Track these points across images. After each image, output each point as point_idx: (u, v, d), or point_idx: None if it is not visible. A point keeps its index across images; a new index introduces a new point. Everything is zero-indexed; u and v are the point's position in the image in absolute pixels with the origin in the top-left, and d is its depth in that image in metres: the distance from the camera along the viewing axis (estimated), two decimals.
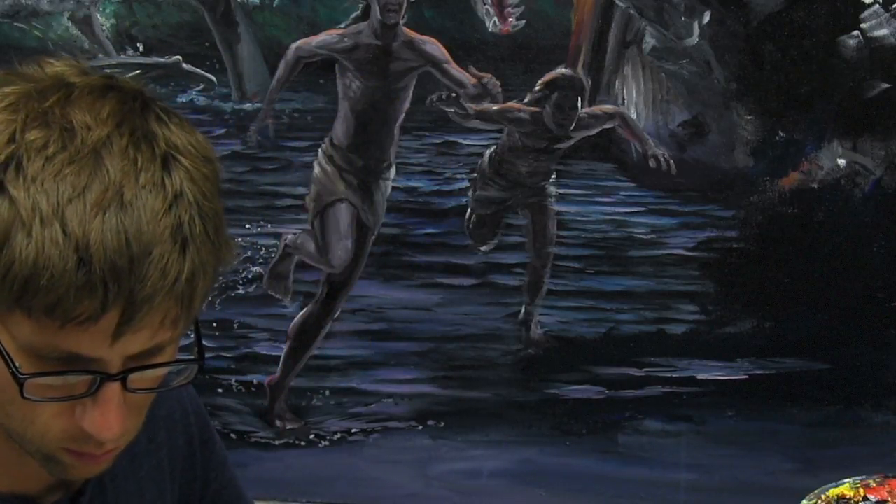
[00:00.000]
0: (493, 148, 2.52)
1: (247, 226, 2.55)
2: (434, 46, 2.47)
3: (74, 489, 1.01)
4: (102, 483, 1.03)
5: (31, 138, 0.83)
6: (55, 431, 0.89)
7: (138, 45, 2.52)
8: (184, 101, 2.50)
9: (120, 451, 0.94)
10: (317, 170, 2.54)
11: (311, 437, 2.62)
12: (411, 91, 2.49)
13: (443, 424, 2.60)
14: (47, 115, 0.84)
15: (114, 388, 0.88)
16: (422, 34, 2.46)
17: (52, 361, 0.85)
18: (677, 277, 2.52)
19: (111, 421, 0.89)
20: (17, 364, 0.85)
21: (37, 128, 0.84)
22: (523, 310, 2.56)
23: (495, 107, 2.48)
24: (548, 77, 2.46)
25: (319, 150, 2.53)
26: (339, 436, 2.62)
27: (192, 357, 0.93)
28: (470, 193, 2.54)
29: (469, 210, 2.55)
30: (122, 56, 2.52)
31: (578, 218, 2.54)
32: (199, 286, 0.87)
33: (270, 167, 2.56)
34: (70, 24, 2.53)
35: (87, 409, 0.88)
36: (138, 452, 1.07)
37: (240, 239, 2.52)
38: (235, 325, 2.58)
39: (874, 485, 1.52)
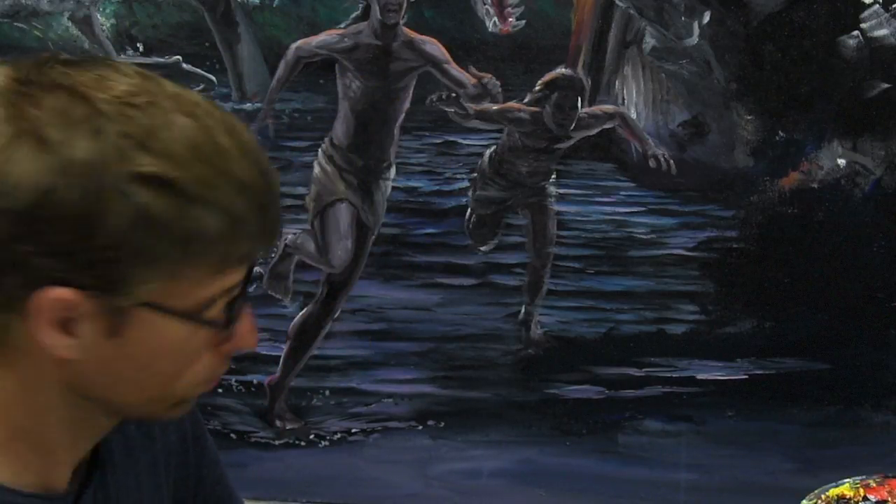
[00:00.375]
0: (493, 148, 2.52)
1: None
2: (434, 46, 2.47)
3: (79, 480, 1.01)
4: (105, 476, 1.04)
5: (140, 123, 0.85)
6: (206, 371, 0.95)
7: (138, 45, 2.52)
8: None
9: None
10: (317, 170, 2.54)
11: (311, 437, 2.62)
12: (411, 91, 2.49)
13: (443, 424, 2.60)
14: (124, 100, 0.86)
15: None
16: (422, 34, 2.46)
17: (209, 306, 0.91)
18: (677, 277, 2.52)
19: (255, 327, 0.97)
20: (204, 318, 0.91)
21: (133, 113, 0.85)
22: (523, 310, 2.56)
23: (495, 107, 2.48)
24: (548, 77, 2.46)
25: (319, 150, 2.53)
26: (339, 436, 2.62)
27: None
28: (470, 193, 2.54)
29: (469, 210, 2.55)
30: (122, 56, 2.52)
31: (578, 218, 2.54)
32: None
33: None
34: (70, 24, 2.53)
35: (237, 330, 0.94)
36: (135, 447, 1.08)
37: None
38: None
39: (874, 485, 1.53)
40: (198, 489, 1.19)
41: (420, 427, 2.61)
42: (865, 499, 1.51)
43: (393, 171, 2.54)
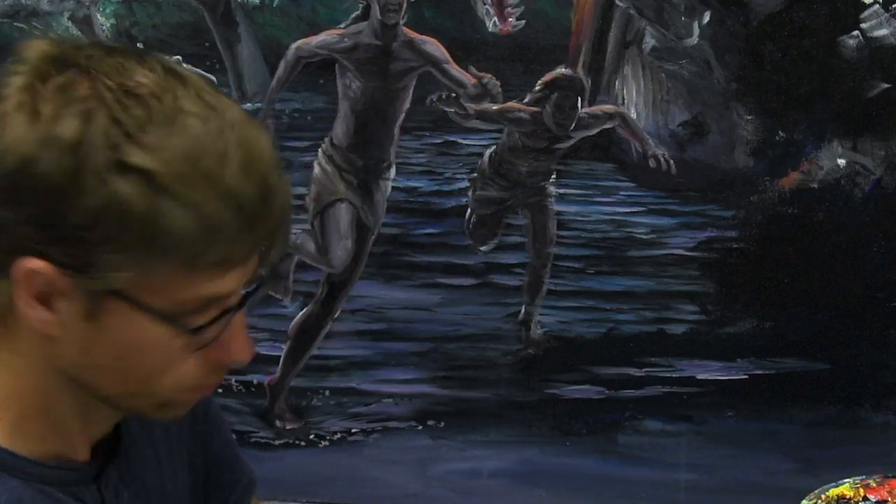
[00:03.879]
0: (493, 148, 2.52)
1: None
2: (434, 46, 2.47)
3: (103, 453, 1.03)
4: (126, 449, 1.06)
5: (135, 114, 0.86)
6: (191, 377, 0.95)
7: (138, 45, 2.52)
8: None
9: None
10: (317, 170, 2.54)
11: (311, 437, 2.62)
12: (411, 91, 2.49)
13: (443, 424, 2.60)
14: (128, 90, 0.87)
15: (241, 314, 0.94)
16: (422, 34, 2.46)
17: (192, 311, 0.91)
18: (677, 277, 2.52)
19: (250, 342, 0.96)
20: (183, 321, 0.90)
21: (132, 103, 0.86)
22: (523, 310, 2.56)
23: (495, 107, 2.48)
24: (548, 77, 2.46)
25: (319, 150, 2.53)
26: (339, 436, 2.62)
27: (261, 274, 0.99)
28: (470, 193, 2.54)
29: (469, 210, 2.55)
30: None
31: (578, 218, 2.54)
32: None
33: None
34: (70, 24, 2.53)
35: (225, 342, 0.94)
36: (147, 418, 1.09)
37: None
38: None
39: (874, 485, 1.53)
40: (206, 455, 1.20)
41: (420, 427, 2.61)
42: (865, 499, 1.52)
43: (393, 171, 2.54)
